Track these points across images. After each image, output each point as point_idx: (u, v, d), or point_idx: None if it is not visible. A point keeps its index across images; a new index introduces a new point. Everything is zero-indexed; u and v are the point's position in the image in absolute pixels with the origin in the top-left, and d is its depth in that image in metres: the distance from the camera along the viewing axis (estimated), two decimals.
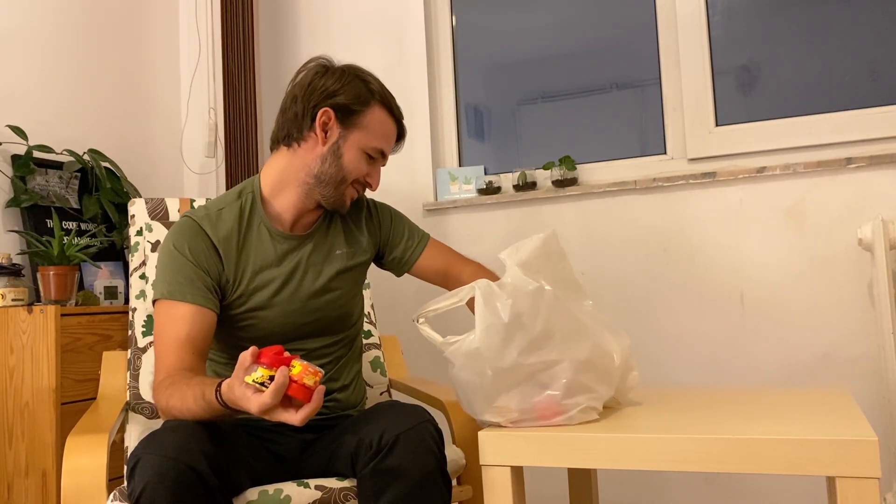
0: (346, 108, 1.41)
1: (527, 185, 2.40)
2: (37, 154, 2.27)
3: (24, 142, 2.24)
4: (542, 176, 2.43)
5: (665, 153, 2.34)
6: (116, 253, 2.41)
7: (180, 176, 2.88)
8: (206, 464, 1.13)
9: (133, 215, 1.82)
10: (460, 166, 2.61)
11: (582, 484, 1.58)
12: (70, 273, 2.05)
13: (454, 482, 1.52)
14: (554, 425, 1.21)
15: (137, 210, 1.83)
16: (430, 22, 2.63)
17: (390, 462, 1.18)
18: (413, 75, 2.58)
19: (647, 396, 1.48)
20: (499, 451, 1.20)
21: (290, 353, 1.12)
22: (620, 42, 2.44)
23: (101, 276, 2.30)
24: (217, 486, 1.14)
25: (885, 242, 1.88)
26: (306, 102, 1.42)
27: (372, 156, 1.45)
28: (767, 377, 2.12)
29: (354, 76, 1.44)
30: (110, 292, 2.29)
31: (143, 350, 1.72)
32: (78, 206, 2.38)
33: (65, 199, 2.34)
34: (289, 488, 1.26)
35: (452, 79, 2.63)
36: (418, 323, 1.30)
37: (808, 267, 2.09)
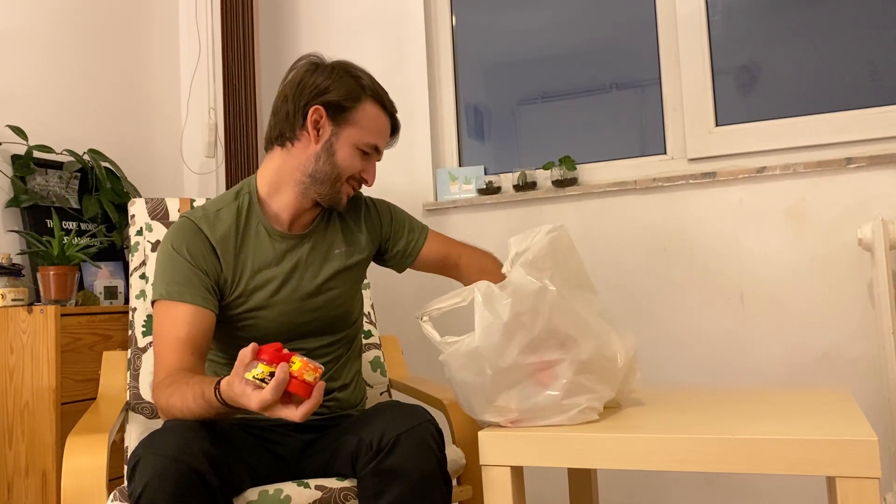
0: (337, 105, 1.40)
1: (527, 185, 2.40)
2: (37, 154, 2.27)
3: (24, 142, 2.24)
4: (542, 176, 2.43)
5: (665, 153, 2.34)
6: (116, 253, 2.41)
7: (180, 176, 2.88)
8: (206, 464, 1.13)
9: (133, 215, 1.82)
10: (460, 166, 2.61)
11: (582, 484, 1.58)
12: (70, 273, 2.05)
13: (454, 482, 1.52)
14: (553, 425, 1.22)
15: (137, 210, 1.83)
16: (430, 22, 2.63)
17: (391, 462, 1.18)
18: (413, 75, 2.58)
19: (647, 396, 1.48)
20: (499, 451, 1.20)
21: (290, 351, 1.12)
22: (620, 42, 2.44)
23: (101, 276, 2.30)
24: (217, 486, 1.14)
25: (885, 242, 1.88)
26: (297, 101, 1.41)
27: (366, 151, 1.44)
28: (767, 377, 2.12)
29: (344, 72, 1.42)
30: (110, 292, 2.29)
31: (143, 350, 1.72)
32: (78, 206, 2.37)
33: (65, 199, 2.34)
34: (289, 488, 1.26)
35: (452, 79, 2.63)
36: (422, 321, 1.30)
37: (808, 267, 2.09)
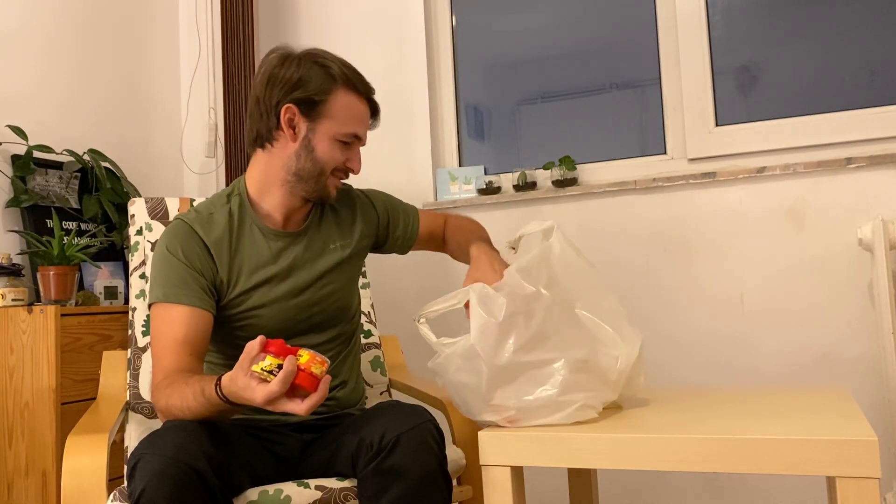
0: (308, 100, 1.37)
1: (527, 185, 2.40)
2: (37, 154, 2.27)
3: (24, 142, 2.24)
4: (542, 176, 2.43)
5: (665, 153, 2.34)
6: (116, 253, 2.41)
7: (180, 176, 2.88)
8: (206, 464, 1.13)
9: (133, 215, 1.82)
10: (460, 166, 2.61)
11: (582, 484, 1.58)
12: (70, 273, 2.05)
13: (454, 482, 1.52)
14: (551, 424, 1.21)
15: (137, 210, 1.83)
16: (430, 22, 2.63)
17: (391, 462, 1.18)
18: (413, 75, 2.58)
19: (647, 396, 1.48)
20: (499, 451, 1.20)
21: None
22: (620, 42, 2.44)
23: (101, 276, 2.30)
24: (217, 486, 1.14)
25: (885, 242, 1.88)
26: (269, 102, 1.38)
27: (346, 142, 1.41)
28: (767, 377, 2.12)
29: (312, 63, 1.38)
30: (110, 292, 2.29)
31: (143, 350, 1.72)
32: (78, 206, 2.37)
33: (65, 199, 2.34)
34: (289, 488, 1.26)
35: (452, 79, 2.63)
36: (419, 323, 1.30)
37: (808, 267, 2.09)
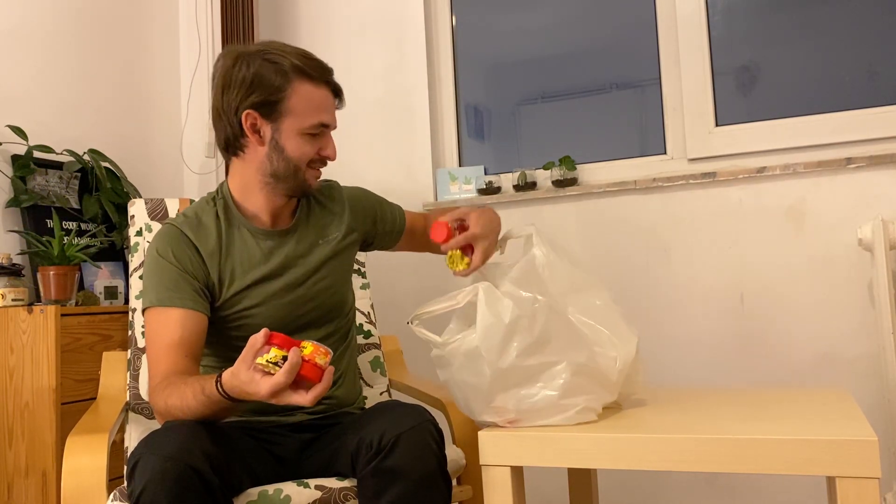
0: (264, 103, 1.35)
1: (527, 186, 2.40)
2: (37, 154, 2.27)
3: (24, 142, 2.24)
4: (542, 176, 2.43)
5: (665, 153, 2.34)
6: (116, 253, 2.41)
7: (180, 176, 2.88)
8: (206, 463, 1.13)
9: (133, 215, 1.82)
10: (460, 166, 2.61)
11: (582, 484, 1.58)
12: (70, 273, 2.05)
13: (454, 482, 1.52)
14: (552, 425, 1.22)
15: (137, 210, 1.83)
16: (430, 22, 2.63)
17: (391, 462, 1.18)
18: (413, 75, 2.58)
19: (647, 396, 1.48)
20: (499, 451, 1.20)
21: None
22: (620, 42, 2.44)
23: (101, 276, 2.30)
24: (217, 485, 1.14)
25: (885, 242, 1.88)
26: (228, 110, 1.37)
27: (314, 133, 1.39)
28: (767, 377, 2.12)
29: (262, 61, 1.36)
30: (110, 292, 2.29)
31: (143, 350, 1.72)
32: (78, 206, 2.37)
33: (65, 199, 2.34)
34: (289, 488, 1.26)
35: (452, 79, 2.63)
36: (413, 325, 1.30)
37: (808, 267, 2.09)
